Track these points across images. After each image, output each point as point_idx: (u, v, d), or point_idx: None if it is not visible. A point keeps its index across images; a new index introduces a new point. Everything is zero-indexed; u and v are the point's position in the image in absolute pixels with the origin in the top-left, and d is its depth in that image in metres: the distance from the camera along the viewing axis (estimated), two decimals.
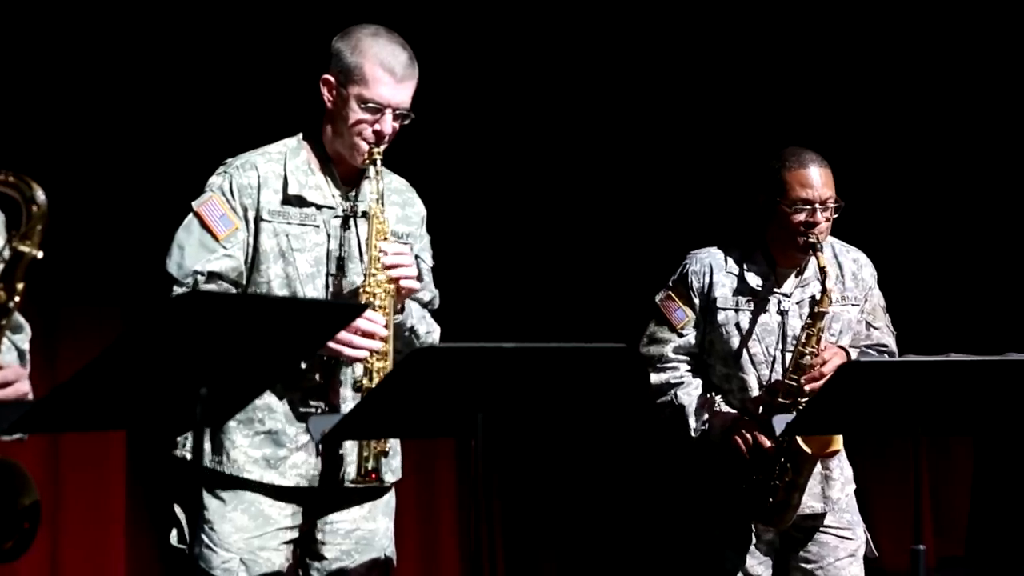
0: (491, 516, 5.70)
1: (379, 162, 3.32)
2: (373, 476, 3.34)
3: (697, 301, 4.03)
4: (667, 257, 4.28)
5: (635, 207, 6.08)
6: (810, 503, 3.99)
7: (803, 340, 3.91)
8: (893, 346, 4.15)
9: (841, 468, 4.07)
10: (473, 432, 3.02)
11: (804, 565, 4.04)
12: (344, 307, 3.17)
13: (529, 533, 5.94)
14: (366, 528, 3.44)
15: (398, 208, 3.50)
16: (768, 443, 3.89)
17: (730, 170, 5.63)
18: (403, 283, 3.33)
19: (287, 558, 3.36)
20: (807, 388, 3.86)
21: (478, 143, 5.82)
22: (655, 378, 4.06)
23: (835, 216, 3.96)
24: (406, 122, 3.37)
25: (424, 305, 3.54)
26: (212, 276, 3.30)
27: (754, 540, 4.00)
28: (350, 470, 3.36)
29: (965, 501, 7.01)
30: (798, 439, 3.87)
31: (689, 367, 4.05)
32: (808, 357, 3.88)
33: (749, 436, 3.92)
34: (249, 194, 3.34)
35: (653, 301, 4.11)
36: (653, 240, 5.86)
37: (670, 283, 4.10)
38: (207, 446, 3.31)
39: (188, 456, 3.32)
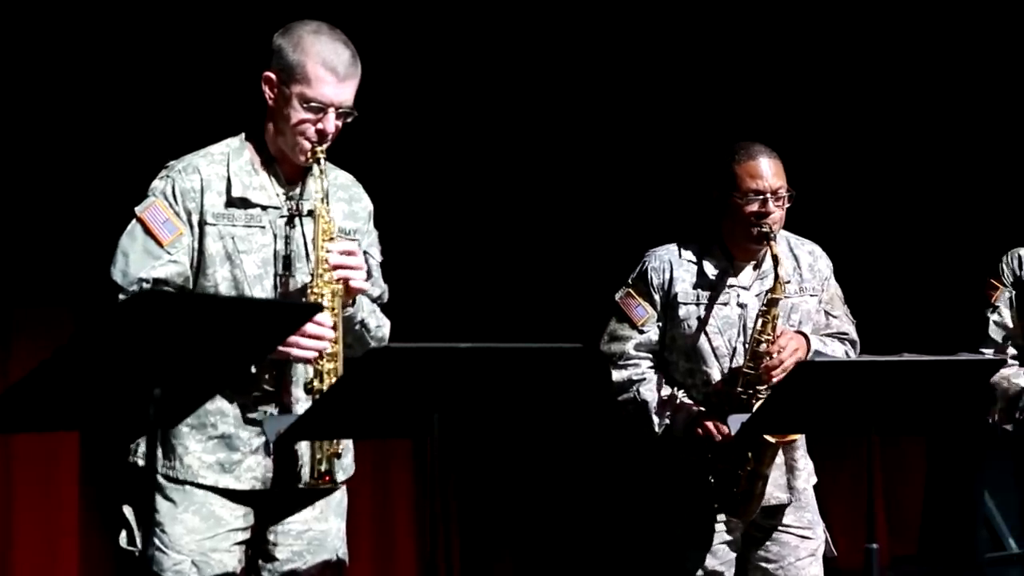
0: (447, 516, 5.70)
1: (323, 160, 3.29)
2: (327, 478, 3.33)
3: (657, 298, 4.05)
4: (625, 255, 4.29)
5: (592, 205, 6.09)
6: (775, 494, 4.00)
7: (759, 328, 3.93)
8: (854, 333, 4.17)
9: (805, 460, 4.09)
10: (429, 432, 3.01)
11: (764, 564, 4.06)
12: (298, 307, 3.16)
13: (485, 533, 5.94)
14: (318, 529, 3.42)
15: (344, 204, 3.47)
16: (726, 430, 3.90)
17: (685, 167, 5.64)
18: (352, 283, 3.30)
19: (239, 560, 3.34)
20: (764, 376, 3.88)
21: (439, 141, 5.81)
22: (617, 375, 4.07)
23: (788, 205, 4.00)
24: (349, 120, 3.34)
25: (374, 300, 3.52)
26: (157, 283, 3.25)
27: (716, 539, 4.01)
28: (303, 472, 3.34)
29: (918, 500, 7.07)
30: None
31: (651, 364, 4.06)
32: (764, 345, 3.91)
33: (711, 425, 3.92)
34: (192, 198, 3.29)
35: (613, 299, 4.12)
36: (610, 239, 5.87)
37: (629, 281, 4.11)
38: (158, 452, 3.28)
39: (139, 462, 3.31)
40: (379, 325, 3.50)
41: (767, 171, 3.96)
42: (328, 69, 3.27)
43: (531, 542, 6.02)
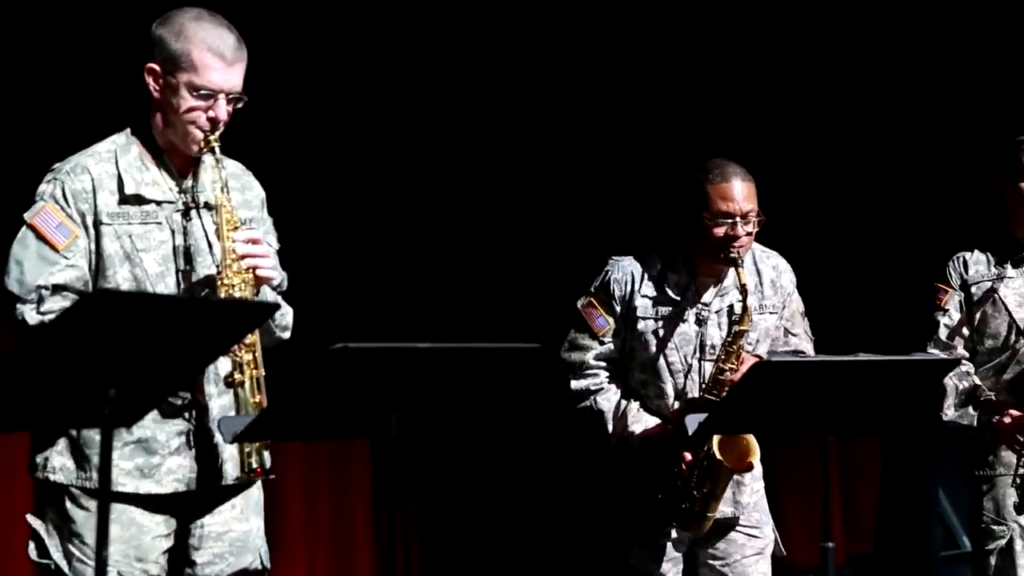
0: (406, 517, 5.70)
1: (217, 149, 3.23)
2: (259, 471, 3.25)
3: (618, 308, 4.05)
4: (585, 257, 4.30)
5: (557, 210, 6.09)
6: (722, 508, 4.03)
7: (723, 357, 3.95)
8: (811, 352, 4.18)
9: (751, 475, 4.11)
10: (387, 433, 3.01)
11: (712, 562, 4.09)
12: (257, 305, 3.14)
13: (445, 533, 5.94)
14: (239, 529, 3.35)
15: (238, 193, 3.38)
16: (689, 457, 3.94)
17: (653, 176, 5.66)
18: (260, 272, 3.25)
19: (163, 568, 3.28)
20: None
21: (404, 141, 5.80)
22: (575, 384, 4.08)
23: (756, 230, 3.99)
24: (239, 105, 3.27)
25: (274, 288, 3.44)
26: (57, 289, 3.18)
27: (664, 538, 4.03)
28: (228, 468, 3.28)
29: (873, 499, 7.11)
30: (716, 452, 3.91)
31: (609, 374, 4.08)
32: (728, 373, 3.93)
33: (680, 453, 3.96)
34: (85, 199, 3.22)
35: (575, 307, 4.12)
36: (569, 239, 5.89)
37: (592, 289, 4.10)
38: (70, 463, 3.23)
39: (51, 477, 3.23)
40: (283, 313, 3.44)
41: (739, 194, 3.93)
42: (215, 55, 3.20)
43: (490, 542, 6.02)
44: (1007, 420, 4.19)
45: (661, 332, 4.02)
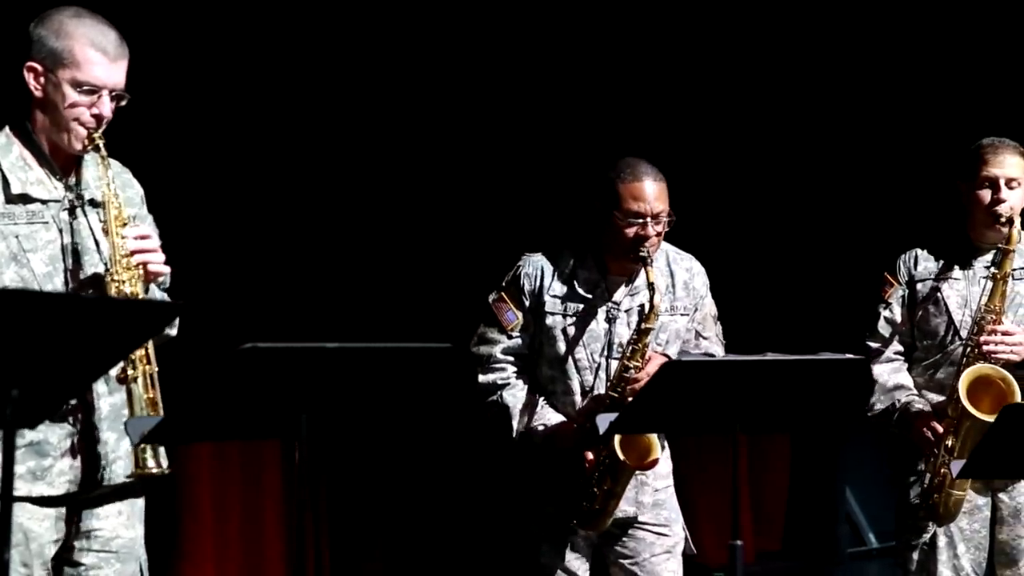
0: (317, 517, 5.67)
1: (102, 147, 3.21)
2: (153, 466, 3.20)
3: (528, 303, 4.06)
4: (498, 256, 4.30)
5: (468, 206, 6.09)
6: (623, 507, 4.06)
7: (628, 354, 3.96)
8: (721, 355, 4.20)
9: (655, 470, 4.13)
10: (297, 433, 3.00)
11: (621, 561, 4.11)
12: (163, 305, 3.11)
13: (356, 533, 5.91)
14: (126, 536, 3.32)
15: (119, 191, 3.33)
16: (591, 456, 3.96)
17: (566, 174, 5.67)
18: (151, 267, 3.23)
19: (49, 571, 3.23)
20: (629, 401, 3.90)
21: (312, 137, 5.77)
22: (483, 378, 4.09)
23: (667, 230, 4.01)
24: (123, 103, 3.26)
25: (157, 285, 3.42)
26: None
27: (572, 537, 4.05)
28: (119, 466, 3.25)
29: (782, 497, 7.19)
30: (618, 451, 3.93)
31: (516, 368, 4.09)
32: (632, 371, 3.94)
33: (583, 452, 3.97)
34: None
35: (486, 301, 4.12)
36: (481, 238, 5.88)
37: (503, 284, 4.12)
38: None
39: None
40: None
41: (650, 194, 3.95)
42: (98, 50, 3.19)
43: (401, 541, 6.01)
44: (926, 433, 4.21)
45: (569, 329, 4.03)
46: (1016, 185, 4.25)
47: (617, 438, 3.91)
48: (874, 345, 4.39)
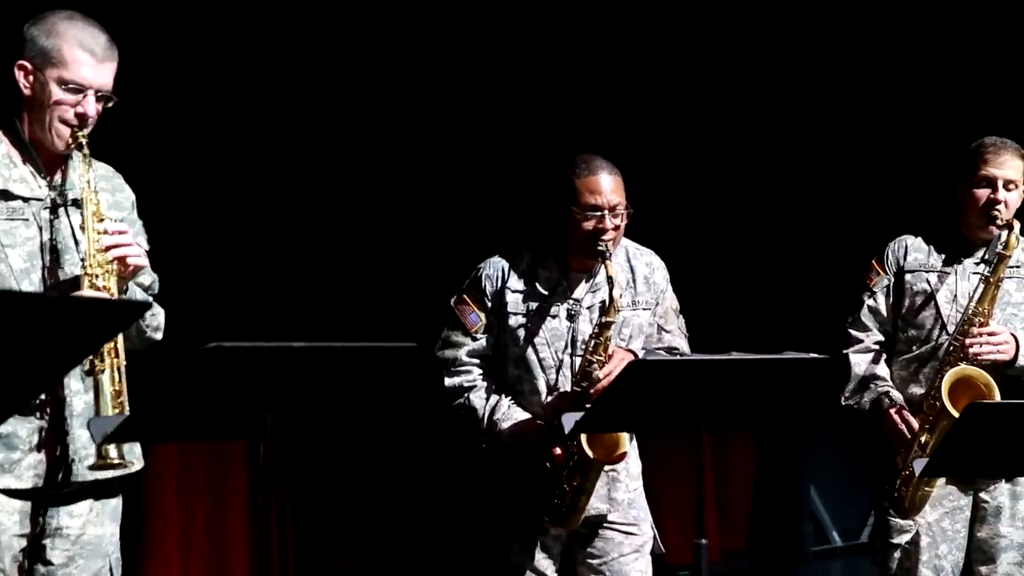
0: (282, 516, 5.66)
1: (85, 146, 3.24)
2: (115, 459, 3.20)
3: (490, 304, 4.07)
4: (462, 255, 4.30)
5: (432, 208, 6.09)
6: (595, 504, 4.07)
7: (590, 349, 3.96)
8: (685, 348, 4.20)
9: (628, 469, 4.15)
10: (263, 433, 2.99)
11: (590, 561, 4.12)
12: (128, 304, 3.10)
13: (322, 533, 5.91)
14: (92, 533, 3.33)
15: (108, 195, 3.39)
16: (559, 452, 3.96)
17: (526, 175, 5.68)
18: (129, 260, 3.24)
19: (18, 565, 3.23)
20: (593, 397, 3.89)
21: (277, 138, 5.77)
22: (449, 382, 4.09)
23: (625, 222, 4.02)
24: (109, 105, 3.30)
25: (145, 290, 3.45)
26: None
27: (541, 536, 4.06)
28: (88, 464, 3.23)
29: (748, 496, 7.22)
30: (585, 447, 3.93)
31: (482, 370, 4.09)
32: (595, 366, 3.94)
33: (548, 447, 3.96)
34: None
35: (448, 305, 4.13)
36: (447, 238, 5.89)
37: (464, 286, 4.12)
38: None
39: None
40: (154, 314, 3.43)
41: (607, 187, 3.97)
42: (86, 50, 3.24)
43: (368, 540, 6.01)
44: (899, 426, 4.21)
45: (533, 328, 4.04)
46: (1013, 187, 4.25)
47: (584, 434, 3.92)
48: (854, 333, 4.37)
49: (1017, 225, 4.17)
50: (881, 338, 4.36)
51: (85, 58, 3.23)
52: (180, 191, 5.37)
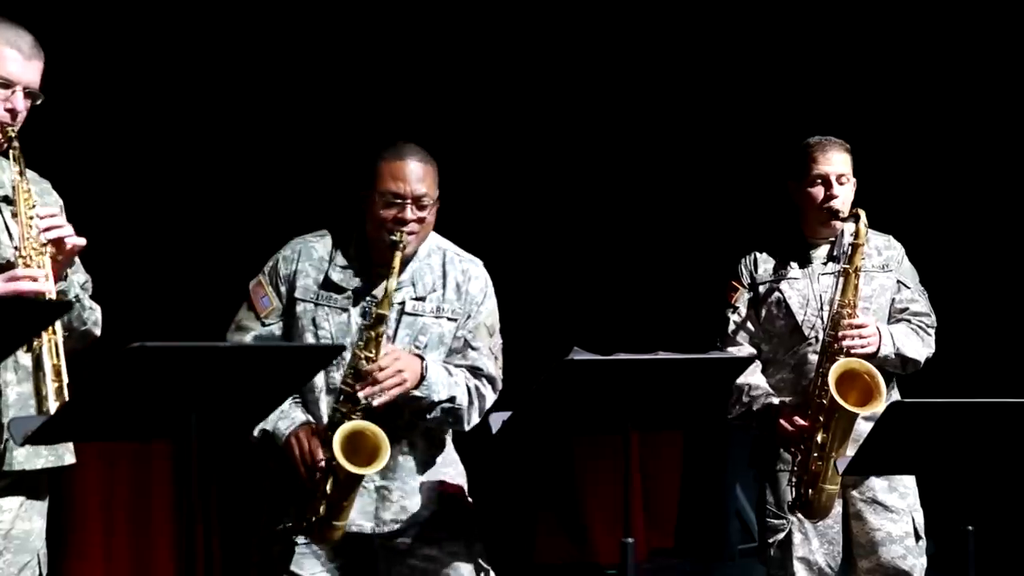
0: (207, 516, 5.62)
1: (15, 141, 3.26)
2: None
3: (283, 288, 3.77)
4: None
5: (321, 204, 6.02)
6: (358, 521, 3.70)
7: (361, 344, 3.63)
8: (490, 369, 3.84)
9: (401, 491, 3.77)
10: (187, 433, 2.97)
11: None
12: (52, 304, 3.08)
13: (247, 532, 5.87)
14: (21, 528, 3.31)
15: (37, 198, 3.34)
16: (320, 456, 3.59)
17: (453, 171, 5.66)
18: (67, 240, 3.23)
19: None
20: (360, 396, 3.57)
21: (206, 141, 5.73)
22: None
23: (433, 218, 3.73)
24: (37, 102, 3.33)
25: (80, 286, 3.42)
26: None
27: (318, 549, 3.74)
28: (19, 455, 3.22)
29: (675, 494, 7.26)
30: (337, 452, 3.51)
31: None
32: (364, 363, 3.60)
33: (305, 450, 3.62)
34: None
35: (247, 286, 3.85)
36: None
37: (264, 268, 3.82)
38: None
39: None
40: (92, 308, 3.41)
41: (412, 175, 3.67)
42: (12, 47, 3.29)
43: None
44: (789, 428, 4.25)
45: (319, 319, 3.73)
46: (845, 180, 4.33)
47: (338, 441, 3.50)
48: (732, 350, 4.40)
49: (863, 214, 4.24)
50: (752, 350, 4.38)
51: (13, 55, 3.28)
52: (113, 190, 5.37)
